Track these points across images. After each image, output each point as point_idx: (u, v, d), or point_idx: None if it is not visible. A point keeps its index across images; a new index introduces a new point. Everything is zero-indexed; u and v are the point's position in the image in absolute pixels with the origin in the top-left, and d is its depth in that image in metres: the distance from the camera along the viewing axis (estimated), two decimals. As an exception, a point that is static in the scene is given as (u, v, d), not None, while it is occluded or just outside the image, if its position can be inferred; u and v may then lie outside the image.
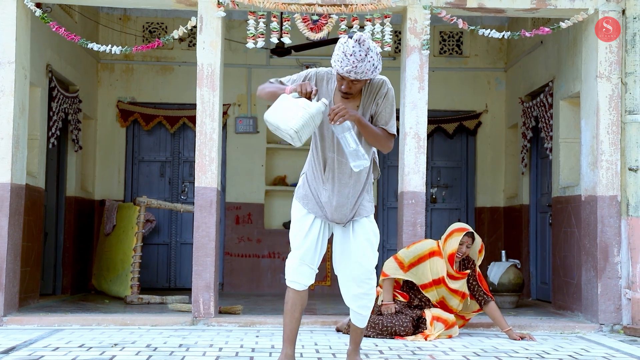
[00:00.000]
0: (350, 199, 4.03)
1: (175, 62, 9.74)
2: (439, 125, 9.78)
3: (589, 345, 5.52)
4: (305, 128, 3.73)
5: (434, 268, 5.82)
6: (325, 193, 4.03)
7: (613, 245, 6.43)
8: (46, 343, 5.17)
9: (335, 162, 4.00)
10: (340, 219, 4.05)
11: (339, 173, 4.00)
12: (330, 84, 3.98)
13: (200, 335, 5.71)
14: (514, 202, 9.30)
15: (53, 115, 7.80)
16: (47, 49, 7.57)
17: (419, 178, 6.52)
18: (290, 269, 4.05)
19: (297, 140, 3.74)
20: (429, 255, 5.85)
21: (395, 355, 4.91)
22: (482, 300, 5.87)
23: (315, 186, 4.07)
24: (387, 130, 3.96)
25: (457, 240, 5.84)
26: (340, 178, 4.00)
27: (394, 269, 5.83)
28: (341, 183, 4.01)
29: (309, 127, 3.74)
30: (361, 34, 3.79)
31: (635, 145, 6.46)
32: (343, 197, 4.01)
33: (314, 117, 3.75)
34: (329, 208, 4.03)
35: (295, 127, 3.71)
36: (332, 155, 3.99)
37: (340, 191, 4.00)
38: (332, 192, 4.01)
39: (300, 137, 3.73)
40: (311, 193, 4.07)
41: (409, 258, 5.85)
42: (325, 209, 4.04)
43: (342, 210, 4.03)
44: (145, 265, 9.10)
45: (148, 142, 9.85)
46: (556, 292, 7.60)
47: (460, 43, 9.92)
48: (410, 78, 6.58)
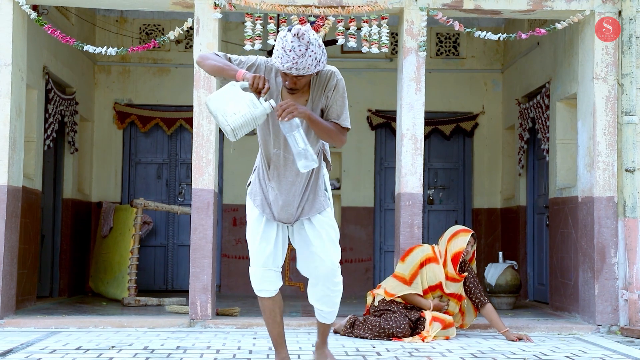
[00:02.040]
0: (297, 197, 3.85)
1: (172, 64, 9.74)
2: (436, 126, 9.78)
3: (586, 347, 5.52)
4: (244, 127, 3.54)
5: (430, 275, 5.82)
6: (272, 192, 3.86)
7: (610, 247, 6.44)
8: (43, 345, 5.17)
9: (281, 158, 3.79)
10: (286, 219, 3.89)
11: (284, 170, 3.80)
12: (279, 76, 3.73)
13: (197, 337, 5.70)
14: (511, 203, 9.31)
15: (49, 117, 7.80)
16: (43, 51, 7.57)
17: (416, 179, 6.52)
18: (255, 278, 3.95)
19: (231, 136, 3.53)
20: (424, 263, 5.85)
21: (392, 356, 4.91)
22: (478, 303, 5.87)
23: (264, 183, 3.90)
24: (339, 124, 3.75)
25: (464, 239, 5.85)
26: (287, 176, 3.81)
27: (399, 287, 5.83)
28: (287, 181, 3.82)
29: (248, 127, 3.55)
30: (300, 26, 3.54)
31: (632, 147, 6.47)
32: (290, 196, 3.83)
33: (257, 118, 3.56)
34: (276, 207, 3.86)
35: (233, 125, 3.51)
36: (278, 152, 3.78)
37: (287, 190, 3.82)
38: (278, 191, 3.83)
39: (237, 134, 3.53)
40: (260, 189, 3.90)
41: (407, 271, 5.85)
42: (272, 208, 3.88)
43: (288, 210, 3.86)
44: (143, 267, 9.09)
45: (145, 144, 9.85)
46: (553, 293, 7.61)
47: (456, 44, 9.93)
48: (407, 79, 6.58)
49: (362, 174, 9.71)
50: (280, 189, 3.83)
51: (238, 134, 3.53)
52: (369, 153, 9.81)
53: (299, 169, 3.66)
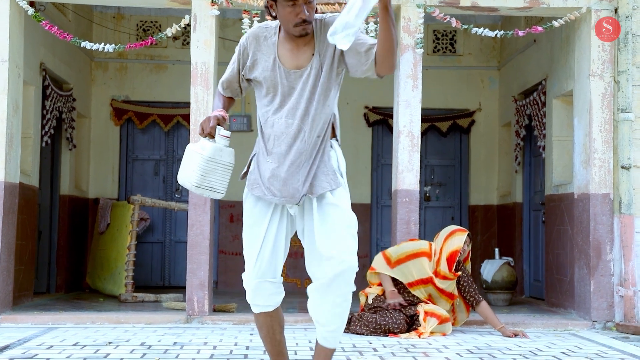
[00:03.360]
0: (302, 167, 3.32)
1: (169, 60, 9.74)
2: (433, 123, 9.79)
3: (581, 343, 5.55)
4: (210, 175, 3.25)
5: (421, 268, 5.84)
6: (271, 166, 3.34)
7: (606, 243, 6.46)
8: (40, 341, 5.18)
9: (282, 125, 3.32)
10: (292, 195, 3.31)
11: (286, 137, 3.31)
12: (268, 39, 3.35)
13: (194, 333, 5.71)
14: (507, 200, 9.33)
15: (47, 113, 7.79)
16: (40, 48, 7.56)
17: (413, 176, 6.54)
18: (250, 291, 3.40)
19: (210, 193, 3.27)
20: (418, 254, 5.87)
21: (389, 352, 4.93)
22: (473, 301, 5.89)
23: (261, 165, 3.41)
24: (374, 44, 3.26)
25: (460, 239, 5.87)
26: (289, 143, 3.32)
27: (381, 264, 5.90)
28: (291, 149, 3.32)
29: (214, 173, 3.26)
30: None
31: (628, 143, 6.49)
32: (294, 166, 3.31)
33: (214, 158, 3.25)
34: (277, 183, 3.32)
35: (195, 181, 3.24)
36: (280, 119, 3.33)
37: (289, 158, 3.32)
38: (279, 164, 3.33)
39: (211, 187, 3.27)
40: (259, 174, 3.40)
41: (396, 254, 5.89)
42: (273, 188, 3.33)
43: (292, 183, 3.31)
44: (140, 264, 9.10)
45: (142, 141, 9.85)
46: (549, 289, 7.63)
47: (453, 42, 9.94)
48: (404, 76, 6.59)
49: (358, 171, 9.72)
50: (281, 161, 3.32)
51: (214, 186, 3.27)
52: (366, 150, 9.82)
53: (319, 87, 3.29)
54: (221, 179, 3.30)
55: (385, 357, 4.75)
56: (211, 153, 3.25)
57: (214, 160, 3.26)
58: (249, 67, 3.39)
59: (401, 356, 4.79)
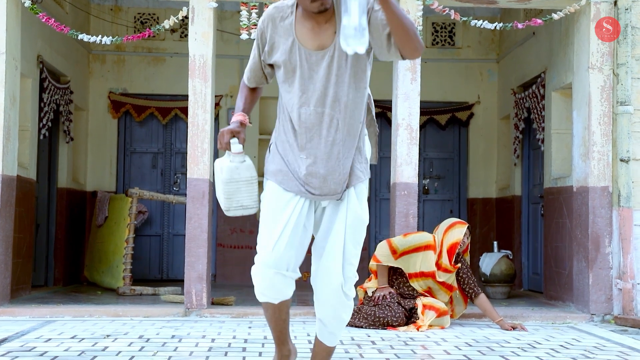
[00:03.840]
0: (343, 160, 3.06)
1: (167, 53, 9.71)
2: (432, 116, 9.78)
3: (580, 335, 5.54)
4: (235, 195, 3.13)
5: (426, 261, 5.83)
6: (306, 162, 3.05)
7: (604, 236, 6.46)
8: (38, 334, 5.17)
9: (312, 116, 3.02)
10: (334, 191, 3.07)
11: (319, 129, 3.02)
12: (285, 19, 3.07)
13: (192, 326, 5.71)
14: (506, 193, 9.32)
15: (44, 106, 7.77)
16: (37, 40, 7.53)
17: (412, 169, 6.52)
18: (259, 281, 3.08)
19: (242, 210, 3.14)
20: (424, 247, 5.85)
21: (387, 345, 4.92)
22: (472, 293, 5.89)
23: (290, 158, 3.11)
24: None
25: (460, 231, 5.86)
26: (324, 136, 3.03)
27: (386, 255, 5.83)
28: (327, 142, 3.03)
29: (239, 192, 3.13)
30: None
31: (627, 136, 6.48)
32: (332, 159, 3.04)
33: (233, 179, 3.11)
34: (316, 181, 3.05)
35: (224, 206, 3.13)
36: (308, 110, 3.03)
37: (327, 153, 3.04)
38: (315, 159, 3.04)
39: (241, 205, 3.14)
40: (286, 167, 3.11)
41: (403, 247, 5.85)
42: (310, 184, 3.06)
43: (334, 178, 3.05)
44: (138, 257, 9.09)
45: (140, 134, 9.83)
46: (548, 282, 7.63)
47: (452, 34, 9.92)
48: (403, 69, 6.57)
49: (357, 164, 9.69)
50: (318, 156, 3.03)
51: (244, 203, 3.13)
52: (365, 143, 9.79)
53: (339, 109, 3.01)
54: (248, 195, 3.14)
55: (383, 350, 4.74)
56: (228, 176, 3.11)
57: (234, 180, 3.11)
58: (268, 51, 3.13)
59: (399, 349, 4.79)
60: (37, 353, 4.41)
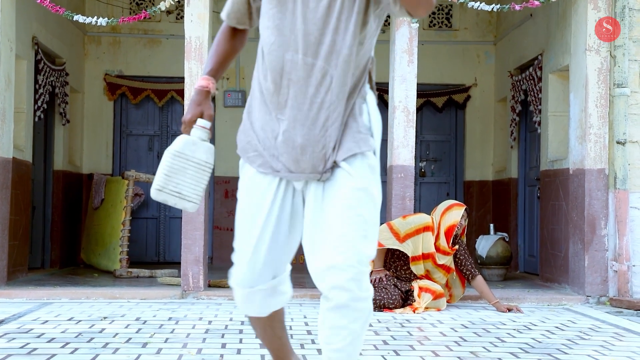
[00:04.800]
0: (330, 129, 2.34)
1: (163, 35, 9.66)
2: (428, 99, 9.76)
3: (575, 317, 5.57)
4: (177, 175, 2.49)
5: (426, 243, 5.84)
6: (280, 126, 2.37)
7: (600, 218, 6.47)
8: (35, 316, 5.17)
9: (299, 66, 2.33)
10: (313, 168, 2.35)
11: (306, 86, 2.33)
12: None
13: (189, 308, 5.72)
14: (503, 175, 9.33)
15: (40, 88, 7.74)
16: (32, 21, 7.49)
17: (408, 152, 6.52)
18: (238, 297, 2.51)
19: (176, 199, 2.49)
20: (425, 229, 5.85)
21: (383, 327, 4.94)
22: (469, 275, 5.90)
23: (263, 121, 2.42)
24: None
25: (458, 213, 5.87)
26: (311, 95, 2.33)
27: (389, 239, 5.80)
28: (313, 104, 2.33)
29: (183, 173, 2.49)
30: None
31: (623, 119, 6.47)
32: (316, 128, 2.33)
33: (183, 153, 2.50)
34: (291, 152, 2.35)
35: (158, 183, 2.50)
36: (296, 57, 2.34)
37: (313, 119, 2.33)
38: (294, 123, 2.34)
39: (178, 191, 2.50)
40: (255, 135, 2.44)
41: (405, 229, 5.84)
42: (284, 159, 2.38)
43: (315, 152, 2.34)
44: (134, 239, 9.10)
45: (136, 116, 9.80)
46: (544, 264, 7.66)
47: (449, 16, 9.88)
48: (400, 51, 6.55)
49: (354, 146, 9.69)
50: (298, 119, 2.34)
51: (179, 189, 2.50)
52: (361, 125, 9.78)
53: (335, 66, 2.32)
54: (192, 183, 2.50)
55: (380, 332, 4.76)
56: (180, 148, 2.50)
57: (184, 156, 2.49)
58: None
59: (396, 331, 4.81)
60: (34, 335, 4.42)
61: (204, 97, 2.55)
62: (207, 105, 2.55)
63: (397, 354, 4.03)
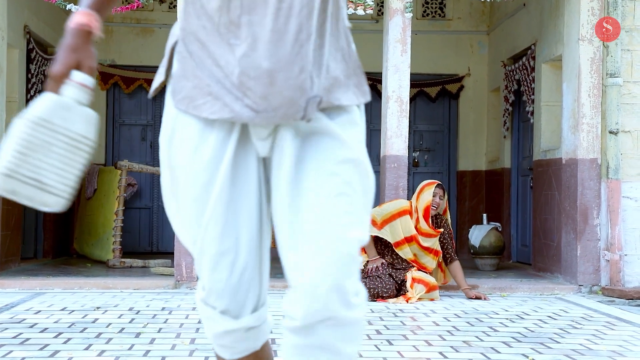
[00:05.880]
0: (307, 43, 1.64)
1: (156, 24, 9.62)
2: (422, 88, 9.76)
3: (567, 306, 5.59)
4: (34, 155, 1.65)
5: (405, 226, 5.88)
6: (237, 50, 1.65)
7: (593, 208, 6.49)
8: (28, 306, 5.17)
9: None
10: (290, 101, 1.64)
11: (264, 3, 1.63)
12: None
13: (182, 298, 5.72)
14: (496, 165, 9.34)
15: (32, 77, 7.70)
16: (24, 10, 7.45)
17: (402, 142, 6.52)
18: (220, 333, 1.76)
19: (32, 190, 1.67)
20: (401, 213, 5.91)
21: (377, 317, 4.95)
22: (448, 258, 6.03)
23: (217, 55, 1.69)
24: None
25: (429, 192, 5.93)
26: (276, 4, 1.62)
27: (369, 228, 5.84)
28: (279, 11, 1.62)
29: (47, 150, 1.66)
30: None
31: (616, 109, 6.48)
32: (287, 42, 1.63)
33: (48, 121, 1.67)
34: (256, 83, 1.63)
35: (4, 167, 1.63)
36: None
37: (281, 31, 1.63)
38: (255, 42, 1.64)
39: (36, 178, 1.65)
40: (207, 74, 1.71)
41: (381, 216, 5.89)
42: (250, 93, 1.65)
43: (289, 77, 1.63)
44: (127, 229, 9.08)
45: (129, 106, 9.77)
46: (536, 254, 7.68)
47: (443, 6, 9.87)
48: (393, 41, 6.54)
49: (347, 136, 9.68)
50: (260, 36, 1.63)
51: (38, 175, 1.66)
52: (354, 115, 9.77)
53: None
54: (60, 167, 1.69)
55: (373, 321, 4.77)
56: (44, 111, 1.67)
57: (49, 125, 1.67)
58: None
59: (389, 320, 4.82)
60: (26, 325, 4.41)
61: (82, 39, 1.84)
62: (87, 53, 1.83)
63: (390, 344, 4.04)
